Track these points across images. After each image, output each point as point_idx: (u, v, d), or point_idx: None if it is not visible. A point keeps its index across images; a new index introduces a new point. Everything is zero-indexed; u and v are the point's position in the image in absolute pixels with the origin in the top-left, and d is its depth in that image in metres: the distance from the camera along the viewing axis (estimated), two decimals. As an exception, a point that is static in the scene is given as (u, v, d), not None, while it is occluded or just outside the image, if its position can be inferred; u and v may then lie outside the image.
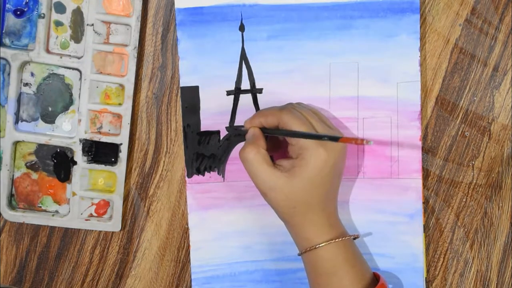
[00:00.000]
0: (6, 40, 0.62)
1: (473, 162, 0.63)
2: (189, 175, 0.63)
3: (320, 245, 0.55)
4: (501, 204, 0.63)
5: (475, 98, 0.63)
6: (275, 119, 0.56)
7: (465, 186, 0.63)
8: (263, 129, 0.58)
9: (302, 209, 0.55)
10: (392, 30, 0.61)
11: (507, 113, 0.62)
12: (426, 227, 0.62)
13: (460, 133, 0.63)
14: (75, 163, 0.62)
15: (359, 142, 0.49)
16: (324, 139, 0.53)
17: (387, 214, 0.62)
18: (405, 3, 0.61)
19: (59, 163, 0.63)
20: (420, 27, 0.61)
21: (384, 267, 0.62)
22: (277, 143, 0.60)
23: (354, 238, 0.58)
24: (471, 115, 0.63)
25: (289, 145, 0.56)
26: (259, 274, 0.63)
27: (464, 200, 0.63)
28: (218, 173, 0.63)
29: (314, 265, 0.56)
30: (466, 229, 0.63)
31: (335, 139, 0.51)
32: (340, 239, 0.55)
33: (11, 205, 0.64)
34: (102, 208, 0.64)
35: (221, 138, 0.62)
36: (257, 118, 0.58)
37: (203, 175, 0.63)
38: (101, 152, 0.63)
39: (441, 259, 0.64)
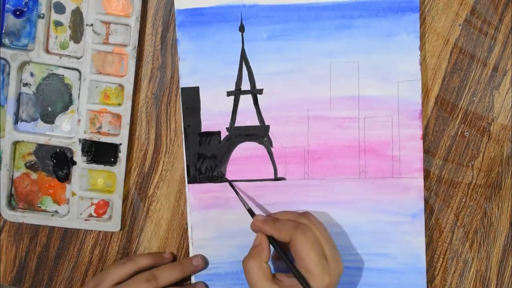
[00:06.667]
0: (6, 40, 0.62)
1: (473, 162, 0.63)
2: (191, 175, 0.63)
3: None
4: (500, 204, 0.63)
5: (474, 98, 0.63)
6: (288, 237, 0.56)
7: (465, 186, 0.63)
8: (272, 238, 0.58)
9: None
10: (392, 29, 0.61)
11: (506, 113, 0.63)
12: (425, 228, 0.62)
13: (459, 133, 0.63)
14: (74, 163, 0.62)
15: None
16: None
17: (389, 214, 0.62)
18: (405, 2, 0.61)
19: (58, 163, 0.63)
20: (420, 27, 0.61)
21: (386, 268, 0.62)
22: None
23: None
24: (470, 115, 0.63)
25: (296, 264, 0.56)
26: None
27: (463, 200, 0.63)
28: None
29: None
30: (465, 229, 0.64)
31: None
32: None
33: (11, 205, 0.64)
34: (102, 208, 0.64)
35: (222, 138, 0.62)
36: (270, 228, 0.57)
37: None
38: (100, 152, 0.63)
39: (441, 259, 0.64)
